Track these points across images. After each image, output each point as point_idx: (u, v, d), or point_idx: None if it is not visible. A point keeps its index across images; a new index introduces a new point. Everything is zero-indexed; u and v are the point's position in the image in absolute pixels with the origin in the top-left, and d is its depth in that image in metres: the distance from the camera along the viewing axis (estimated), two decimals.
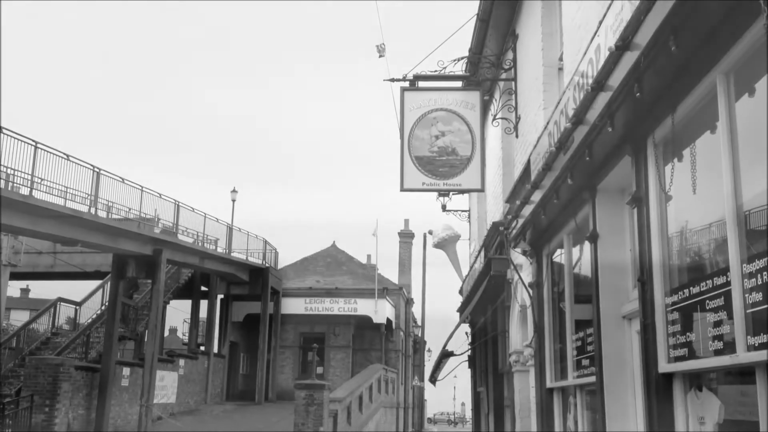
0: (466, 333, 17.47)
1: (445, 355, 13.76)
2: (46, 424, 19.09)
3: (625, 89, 4.96)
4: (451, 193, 17.37)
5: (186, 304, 34.54)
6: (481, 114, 11.65)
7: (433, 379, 15.62)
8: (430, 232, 18.66)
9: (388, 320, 39.33)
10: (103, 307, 27.03)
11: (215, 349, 33.35)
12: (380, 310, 37.92)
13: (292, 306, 37.48)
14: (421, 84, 11.75)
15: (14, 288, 53.07)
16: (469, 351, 16.48)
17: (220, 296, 34.56)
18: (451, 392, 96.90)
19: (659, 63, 4.50)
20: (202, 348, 32.90)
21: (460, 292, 18.20)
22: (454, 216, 18.43)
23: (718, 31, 4.17)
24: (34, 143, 17.91)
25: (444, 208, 17.35)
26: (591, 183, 6.83)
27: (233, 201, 36.02)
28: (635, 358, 6.46)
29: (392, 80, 11.67)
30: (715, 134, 4.63)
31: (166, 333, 42.81)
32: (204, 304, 33.24)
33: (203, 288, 32.97)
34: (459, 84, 12.26)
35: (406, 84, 11.67)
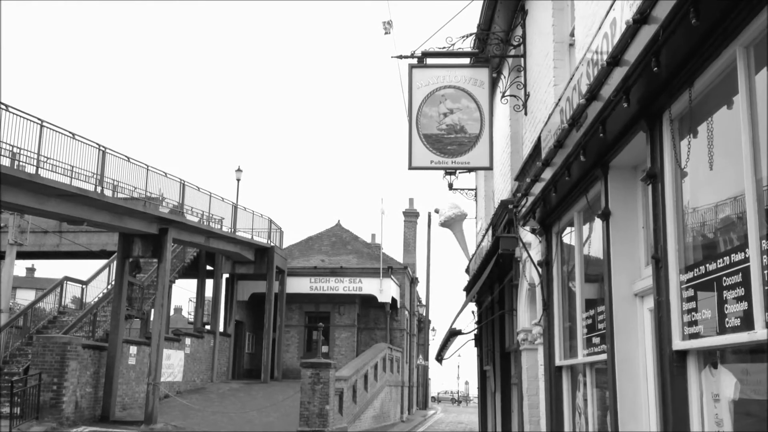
0: (473, 312, 17.49)
1: (453, 333, 13.76)
2: (54, 402, 19.23)
3: (642, 64, 4.88)
4: (458, 171, 17.35)
5: (191, 284, 34.75)
6: (489, 91, 11.55)
7: (440, 358, 15.63)
8: (437, 211, 18.59)
9: (393, 299, 39.43)
10: (109, 286, 27.12)
11: (221, 328, 33.51)
12: (385, 289, 38.00)
13: (297, 285, 37.60)
14: (429, 61, 11.64)
15: (20, 267, 53.27)
16: (476, 330, 16.49)
17: (225, 275, 34.67)
18: (454, 371, 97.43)
19: (678, 36, 4.42)
20: (208, 327, 33.04)
21: (467, 271, 18.18)
22: (461, 195, 18.40)
23: (738, 4, 4.09)
24: (40, 121, 17.87)
25: (451, 186, 17.33)
26: (603, 160, 6.77)
27: (238, 180, 35.98)
28: (647, 335, 6.44)
29: (400, 57, 11.56)
30: (732, 109, 4.57)
31: (171, 312, 43.02)
32: (209, 284, 33.36)
33: (209, 267, 33.06)
34: (467, 61, 12.15)
35: (414, 61, 11.57)
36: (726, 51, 4.40)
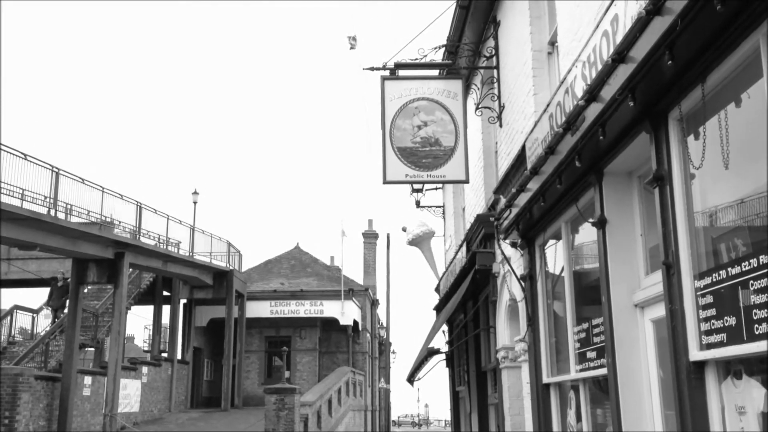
0: (443, 332, 17.14)
1: (431, 353, 13.36)
2: None
3: (653, 58, 4.63)
4: (425, 188, 17.06)
5: (146, 310, 33.58)
6: (463, 103, 11.31)
7: (412, 379, 15.20)
8: (404, 229, 18.25)
9: (355, 322, 38.87)
10: (62, 314, 26.05)
11: (179, 356, 32.46)
12: (347, 312, 37.44)
13: (257, 309, 36.78)
14: (402, 73, 11.36)
15: None
16: (449, 349, 16.13)
17: (183, 301, 33.69)
18: (415, 394, 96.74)
19: (697, 25, 4.17)
20: (165, 355, 32.00)
21: (437, 290, 17.84)
22: (428, 212, 18.12)
23: None
24: None
25: (418, 204, 17.03)
26: (597, 166, 6.52)
27: (195, 203, 35.19)
28: (649, 348, 6.17)
29: (371, 69, 11.24)
30: (751, 103, 4.35)
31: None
32: (166, 310, 32.35)
33: (165, 293, 32.08)
34: (441, 72, 11.91)
35: (386, 73, 11.26)
36: (747, 41, 4.17)
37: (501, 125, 10.99)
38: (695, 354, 4.82)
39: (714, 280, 4.63)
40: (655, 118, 5.30)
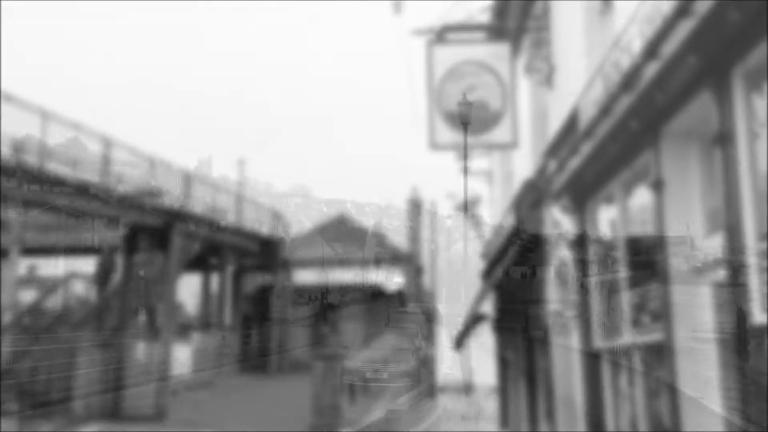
0: (490, 297, 17.08)
1: (478, 319, 13.34)
2: (63, 398, 18.83)
3: (717, 11, 4.45)
4: (472, 153, 16.88)
5: (195, 278, 34.17)
6: (511, 66, 11.11)
7: (459, 345, 15.22)
8: (450, 195, 18.16)
9: (400, 289, 39.02)
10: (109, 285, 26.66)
11: (227, 322, 33.09)
12: (392, 279, 37.58)
13: (303, 277, 37.16)
14: (449, 36, 11.19)
15: (21, 265, 52.53)
16: (495, 315, 16.08)
17: (230, 268, 34.21)
18: (458, 359, 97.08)
19: None
20: (214, 321, 32.62)
21: (483, 256, 17.75)
22: (474, 178, 17.95)
23: None
24: (42, 110, 17.37)
25: (464, 169, 16.86)
26: (654, 127, 6.34)
27: (241, 171, 35.50)
28: (707, 312, 6.03)
29: (418, 32, 11.10)
30: None
31: None
32: (215, 277, 32.89)
33: (213, 260, 32.60)
34: (488, 35, 11.71)
35: (433, 36, 11.11)
36: None
37: (551, 87, 10.78)
38: (759, 317, 4.70)
39: None
40: (718, 75, 5.12)
